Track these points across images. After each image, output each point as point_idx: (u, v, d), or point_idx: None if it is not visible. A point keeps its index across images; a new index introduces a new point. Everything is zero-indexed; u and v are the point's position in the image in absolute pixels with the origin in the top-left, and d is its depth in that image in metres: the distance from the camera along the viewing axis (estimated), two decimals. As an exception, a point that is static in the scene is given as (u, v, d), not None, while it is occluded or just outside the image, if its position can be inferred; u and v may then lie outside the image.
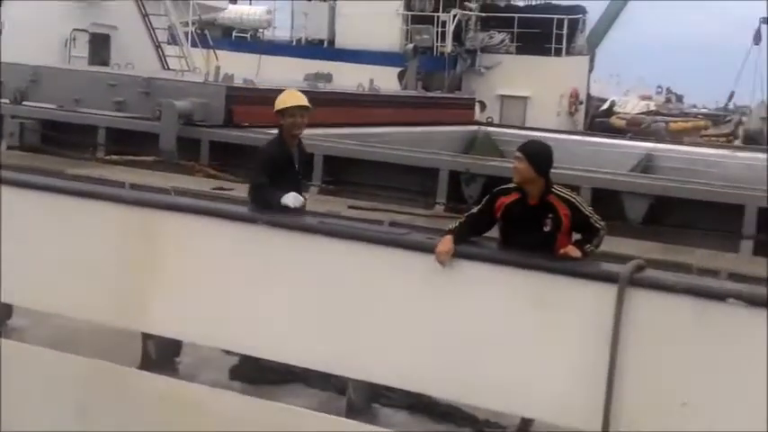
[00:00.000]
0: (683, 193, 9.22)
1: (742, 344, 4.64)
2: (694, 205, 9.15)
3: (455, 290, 5.37)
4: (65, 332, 7.05)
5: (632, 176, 10.40)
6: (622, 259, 5.31)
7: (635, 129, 24.38)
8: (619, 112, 29.40)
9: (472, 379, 5.36)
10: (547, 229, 5.35)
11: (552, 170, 5.57)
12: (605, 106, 31.61)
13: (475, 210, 5.58)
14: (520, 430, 5.86)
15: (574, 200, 5.42)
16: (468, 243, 5.41)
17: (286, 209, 6.05)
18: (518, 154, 5.45)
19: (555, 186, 5.45)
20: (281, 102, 6.57)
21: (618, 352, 4.82)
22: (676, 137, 23.87)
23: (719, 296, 4.65)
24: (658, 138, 21.21)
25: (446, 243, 5.31)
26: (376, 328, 5.63)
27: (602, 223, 5.44)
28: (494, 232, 5.61)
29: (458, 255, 5.30)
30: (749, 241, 8.65)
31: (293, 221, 5.94)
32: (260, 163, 6.53)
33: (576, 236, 5.51)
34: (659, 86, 42.97)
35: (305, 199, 6.40)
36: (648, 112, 29.41)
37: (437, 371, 5.47)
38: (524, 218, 5.40)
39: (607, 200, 9.26)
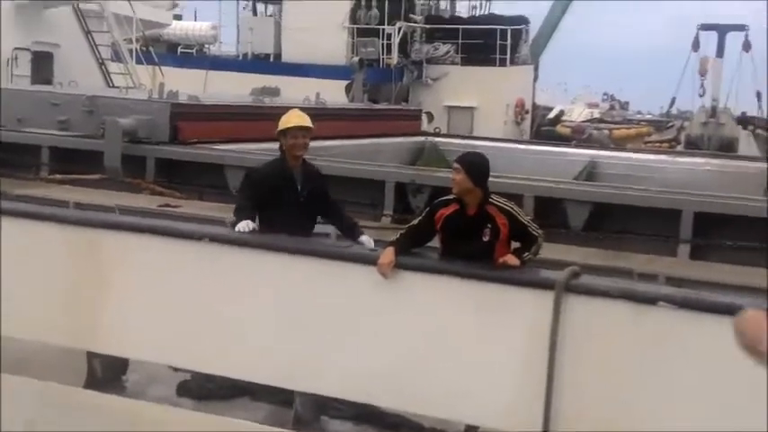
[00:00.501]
0: (622, 200, 9.46)
1: (674, 345, 4.79)
2: (633, 211, 9.39)
3: (398, 300, 5.45)
4: (11, 354, 7.01)
5: (573, 184, 10.63)
6: (562, 266, 5.45)
7: (579, 137, 24.82)
8: (565, 121, 29.86)
9: (417, 388, 5.45)
10: (486, 238, 5.48)
11: (496, 179, 5.71)
12: (552, 114, 32.13)
13: (415, 222, 5.70)
14: (465, 437, 5.96)
15: (511, 209, 5.55)
16: (409, 254, 5.52)
17: (271, 221, 6.02)
18: (456, 165, 5.56)
19: (493, 196, 5.58)
20: (283, 122, 6.45)
21: (556, 356, 4.94)
22: (620, 143, 24.35)
23: (651, 300, 4.80)
24: (602, 145, 21.64)
25: (388, 255, 5.40)
26: (322, 341, 5.69)
27: (540, 231, 5.58)
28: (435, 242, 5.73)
29: (399, 266, 5.40)
30: (686, 245, 8.91)
31: (235, 237, 5.99)
32: (245, 182, 6.46)
33: (515, 244, 5.65)
34: (605, 94, 43.74)
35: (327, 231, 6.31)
36: (592, 120, 29.93)
37: (383, 381, 5.54)
38: (464, 228, 5.52)
39: (549, 207, 9.48)
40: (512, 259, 5.39)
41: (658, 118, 34.64)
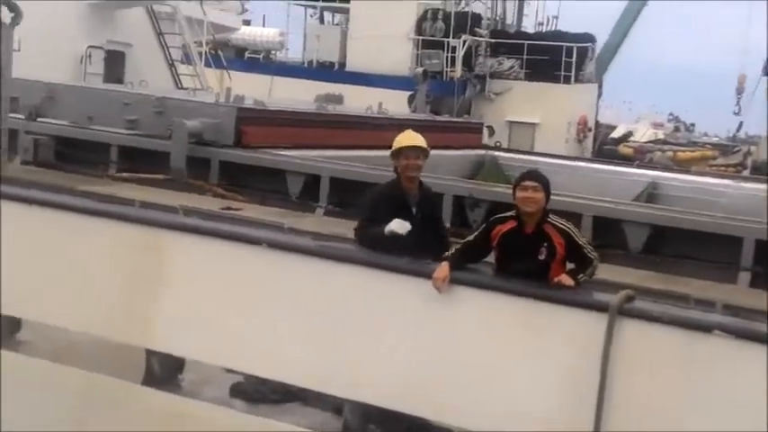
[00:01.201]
0: (682, 224, 9.31)
1: (729, 376, 4.75)
2: (693, 236, 9.25)
3: (451, 315, 5.51)
4: (69, 345, 7.19)
5: (632, 205, 10.49)
6: (617, 288, 5.44)
7: (642, 157, 24.54)
8: (628, 141, 29.57)
9: (464, 402, 5.50)
10: (542, 257, 5.49)
11: (554, 197, 5.71)
12: (616, 134, 31.79)
13: (471, 237, 5.73)
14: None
15: (569, 230, 5.56)
16: (464, 270, 5.56)
17: (395, 237, 5.76)
18: (534, 184, 5.51)
19: (551, 216, 5.59)
20: (396, 142, 6.34)
21: (607, 380, 4.95)
22: (684, 166, 24.00)
23: (706, 328, 4.78)
24: (665, 167, 21.33)
25: (443, 270, 5.46)
26: (372, 350, 5.78)
27: (596, 254, 5.59)
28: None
29: (454, 281, 5.44)
30: (747, 273, 8.75)
31: (292, 243, 6.10)
32: (367, 201, 6.34)
33: (570, 265, 5.65)
34: (671, 114, 43.18)
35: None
36: (656, 141, 29.57)
37: (430, 393, 5.61)
38: (520, 246, 5.53)
39: (608, 228, 9.40)
40: (567, 279, 5.40)
41: (725, 142, 34.10)
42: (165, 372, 6.80)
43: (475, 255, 5.69)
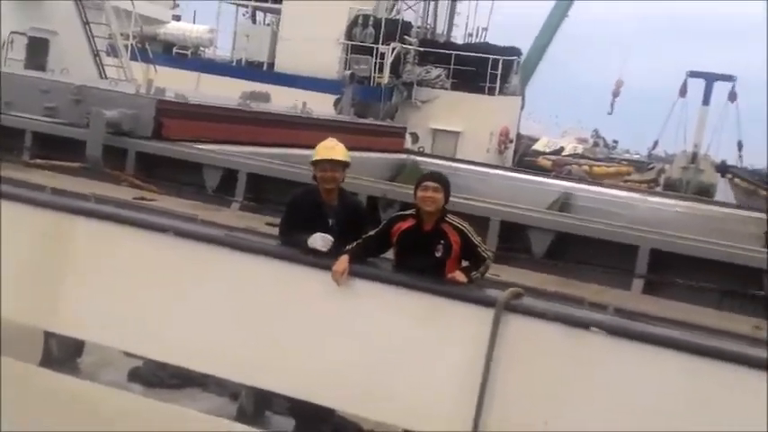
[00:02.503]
0: (583, 231, 9.69)
1: (602, 369, 5.05)
2: (594, 243, 9.64)
3: (348, 306, 5.71)
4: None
5: (537, 212, 10.85)
6: (511, 287, 5.70)
7: (559, 170, 25.18)
8: (546, 153, 30.26)
9: (359, 390, 5.70)
10: (438, 254, 5.72)
11: (465, 201, 5.95)
12: (536, 147, 32.48)
13: (372, 233, 5.92)
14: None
15: (465, 229, 5.80)
16: (363, 263, 5.76)
17: (315, 251, 5.77)
18: (435, 185, 5.74)
19: (448, 215, 5.83)
20: (315, 152, 6.23)
21: (490, 370, 5.21)
22: (599, 180, 24.69)
23: (584, 324, 5.07)
24: (580, 179, 21.94)
25: (342, 263, 5.65)
26: (272, 338, 5.94)
27: (489, 253, 5.85)
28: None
29: (352, 274, 5.64)
30: (640, 280, 9.16)
31: (202, 233, 6.22)
32: (287, 207, 6.30)
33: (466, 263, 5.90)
34: (595, 130, 44.34)
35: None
36: (574, 155, 30.33)
37: (327, 381, 5.79)
38: (418, 243, 5.77)
39: (514, 233, 9.72)
40: (460, 276, 5.65)
41: (642, 159, 35.12)
42: (63, 354, 6.84)
43: (374, 249, 5.89)
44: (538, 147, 32.99)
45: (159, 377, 6.68)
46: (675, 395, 4.91)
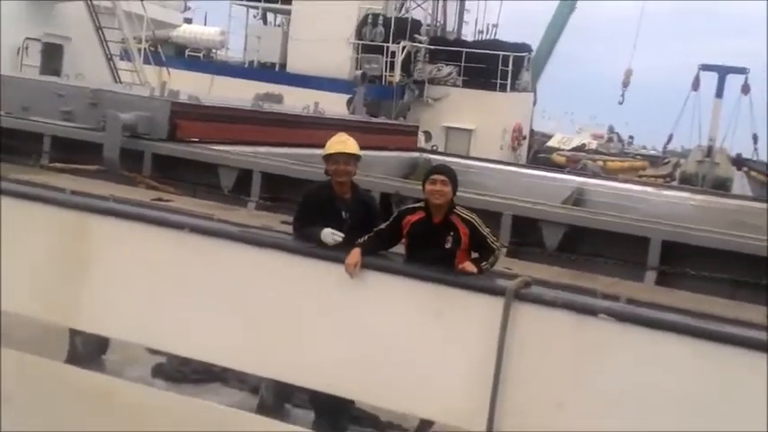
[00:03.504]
0: (595, 224, 9.77)
1: (611, 354, 5.17)
2: (606, 236, 9.72)
3: (361, 298, 5.84)
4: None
5: (549, 206, 10.94)
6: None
7: (573, 166, 25.20)
8: (560, 149, 30.27)
9: (375, 381, 5.83)
10: (448, 246, 5.85)
11: (478, 196, 6.05)
12: (550, 143, 32.49)
13: (383, 226, 6.05)
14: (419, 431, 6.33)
15: (473, 220, 5.91)
16: (375, 256, 5.89)
17: (326, 246, 5.88)
18: (442, 178, 5.87)
19: (457, 207, 5.96)
20: (326, 146, 6.30)
21: (503, 359, 5.32)
22: (613, 175, 24.67)
23: (593, 311, 5.18)
24: (594, 174, 21.94)
25: (354, 256, 5.78)
26: (290, 332, 6.07)
27: (498, 244, 5.98)
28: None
29: (365, 266, 5.78)
30: (653, 272, 9.24)
31: (219, 229, 6.36)
32: (301, 202, 6.36)
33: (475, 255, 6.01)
34: (610, 126, 44.24)
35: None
36: (588, 150, 30.33)
37: (343, 373, 5.92)
38: (428, 235, 5.89)
39: (526, 227, 9.83)
40: (470, 266, 5.77)
41: (657, 153, 35.08)
42: (88, 351, 6.99)
43: (385, 242, 6.01)
44: (552, 143, 33.00)
45: (182, 373, 6.83)
46: (686, 380, 5.00)
